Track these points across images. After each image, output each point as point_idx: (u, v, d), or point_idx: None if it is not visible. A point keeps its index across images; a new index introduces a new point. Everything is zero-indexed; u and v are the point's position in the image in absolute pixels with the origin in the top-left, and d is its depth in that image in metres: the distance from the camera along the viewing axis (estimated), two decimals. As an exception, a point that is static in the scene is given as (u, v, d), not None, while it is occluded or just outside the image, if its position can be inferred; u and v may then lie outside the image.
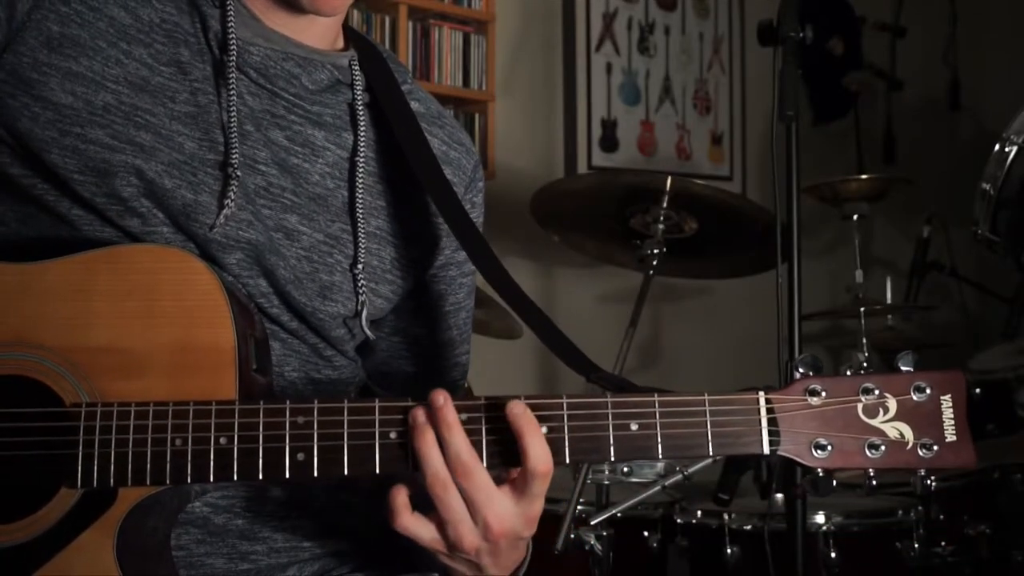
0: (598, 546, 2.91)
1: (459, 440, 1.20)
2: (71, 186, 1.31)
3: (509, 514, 1.23)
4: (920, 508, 2.94)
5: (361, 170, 1.47)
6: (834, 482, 1.24)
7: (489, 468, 1.23)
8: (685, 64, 5.16)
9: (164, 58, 1.37)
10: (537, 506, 1.25)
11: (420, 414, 1.21)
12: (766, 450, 1.23)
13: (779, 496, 2.79)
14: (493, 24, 4.45)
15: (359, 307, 1.46)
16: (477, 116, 4.42)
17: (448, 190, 1.49)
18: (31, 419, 1.22)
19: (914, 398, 1.24)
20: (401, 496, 1.22)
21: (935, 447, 1.23)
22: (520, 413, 1.21)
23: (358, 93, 1.49)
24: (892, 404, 1.24)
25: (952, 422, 1.24)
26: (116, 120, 1.32)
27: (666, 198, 3.30)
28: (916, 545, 2.89)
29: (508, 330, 3.53)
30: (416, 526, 1.23)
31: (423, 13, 4.30)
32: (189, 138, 1.36)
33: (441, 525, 1.23)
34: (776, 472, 2.67)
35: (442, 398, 1.21)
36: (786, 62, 2.28)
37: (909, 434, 1.24)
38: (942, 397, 1.24)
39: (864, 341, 3.81)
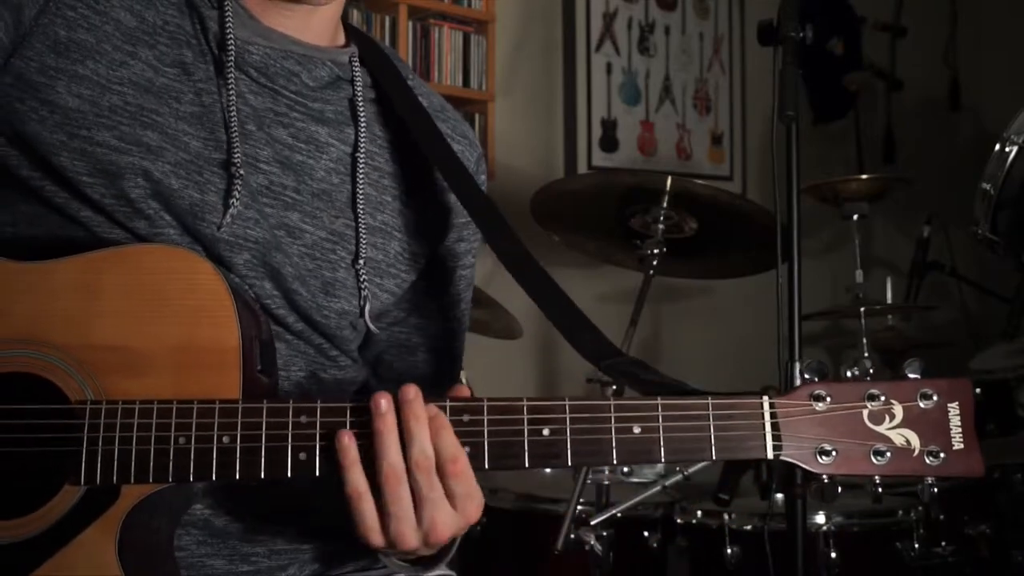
0: (598, 546, 2.91)
1: (427, 436, 1.20)
2: (80, 188, 1.32)
3: (450, 521, 1.23)
4: (920, 508, 2.94)
5: (363, 165, 1.47)
6: (839, 488, 1.24)
7: (491, 469, 1.23)
8: (685, 64, 5.15)
9: (168, 59, 1.38)
10: (470, 513, 1.23)
11: (384, 402, 1.20)
12: (770, 455, 1.23)
13: (779, 496, 2.79)
14: (493, 24, 4.45)
15: (362, 302, 1.46)
16: (477, 116, 4.42)
17: (465, 175, 1.49)
18: (36, 416, 1.23)
19: (921, 405, 1.23)
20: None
21: (942, 455, 1.22)
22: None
23: (358, 89, 1.49)
24: (898, 411, 1.23)
25: (960, 430, 1.23)
26: (123, 121, 1.33)
27: (666, 198, 3.30)
28: (916, 545, 2.89)
29: (508, 330, 3.53)
30: (366, 501, 1.21)
31: (423, 13, 4.30)
32: (195, 138, 1.36)
33: (384, 523, 1.22)
34: (776, 472, 2.67)
35: (413, 392, 1.21)
36: (786, 62, 2.28)
37: (916, 441, 1.23)
38: (949, 404, 1.24)
39: (864, 341, 3.81)
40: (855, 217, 3.91)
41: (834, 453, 1.23)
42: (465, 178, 1.49)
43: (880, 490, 1.17)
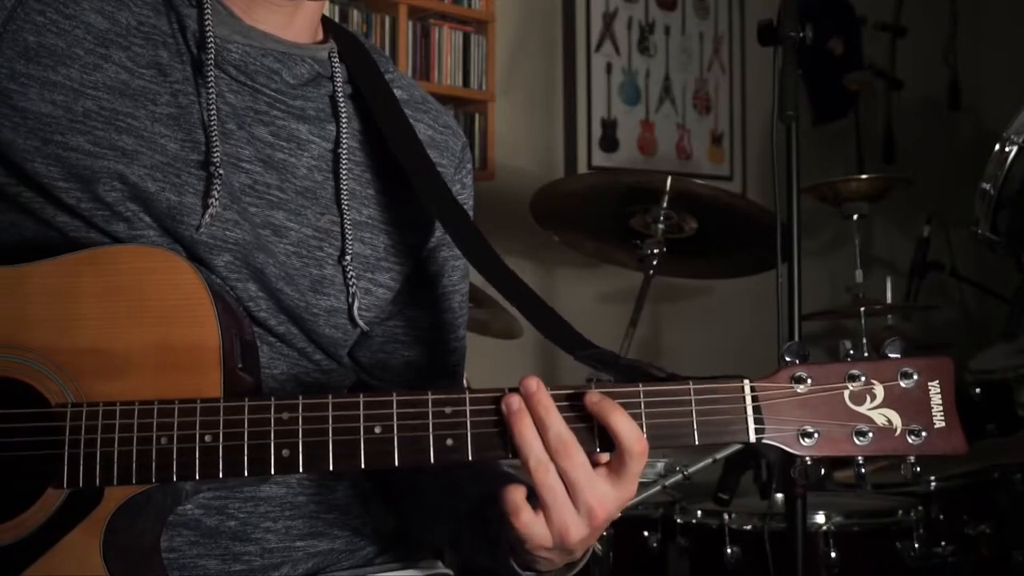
0: (598, 546, 2.91)
1: (558, 421, 1.20)
2: (55, 193, 1.32)
3: (609, 497, 1.21)
4: (920, 508, 2.94)
5: (346, 161, 1.47)
6: (822, 470, 1.23)
7: (474, 460, 1.22)
8: (685, 64, 5.15)
9: (143, 61, 1.37)
10: (632, 488, 1.23)
11: (515, 400, 1.20)
12: (752, 439, 1.22)
13: (779, 496, 2.79)
14: (493, 24, 4.45)
15: (350, 299, 1.45)
16: (477, 116, 4.42)
17: (434, 176, 1.48)
18: (17, 420, 1.22)
19: (902, 384, 1.22)
20: (519, 494, 1.21)
21: (924, 433, 1.21)
22: (597, 401, 1.20)
23: (338, 85, 1.49)
24: (879, 391, 1.22)
25: (941, 408, 1.22)
26: (97, 126, 1.32)
27: (666, 198, 3.31)
28: (916, 545, 2.89)
29: (508, 330, 3.52)
30: (534, 523, 1.21)
31: (423, 13, 4.30)
32: (171, 139, 1.36)
33: (547, 516, 1.21)
34: (776, 472, 2.66)
35: (535, 383, 1.20)
36: (786, 62, 2.28)
37: (897, 421, 1.22)
38: (930, 383, 1.22)
39: (864, 341, 3.80)
40: (855, 217, 3.91)
41: (816, 435, 1.22)
42: (434, 181, 1.48)
43: (863, 471, 1.17)
